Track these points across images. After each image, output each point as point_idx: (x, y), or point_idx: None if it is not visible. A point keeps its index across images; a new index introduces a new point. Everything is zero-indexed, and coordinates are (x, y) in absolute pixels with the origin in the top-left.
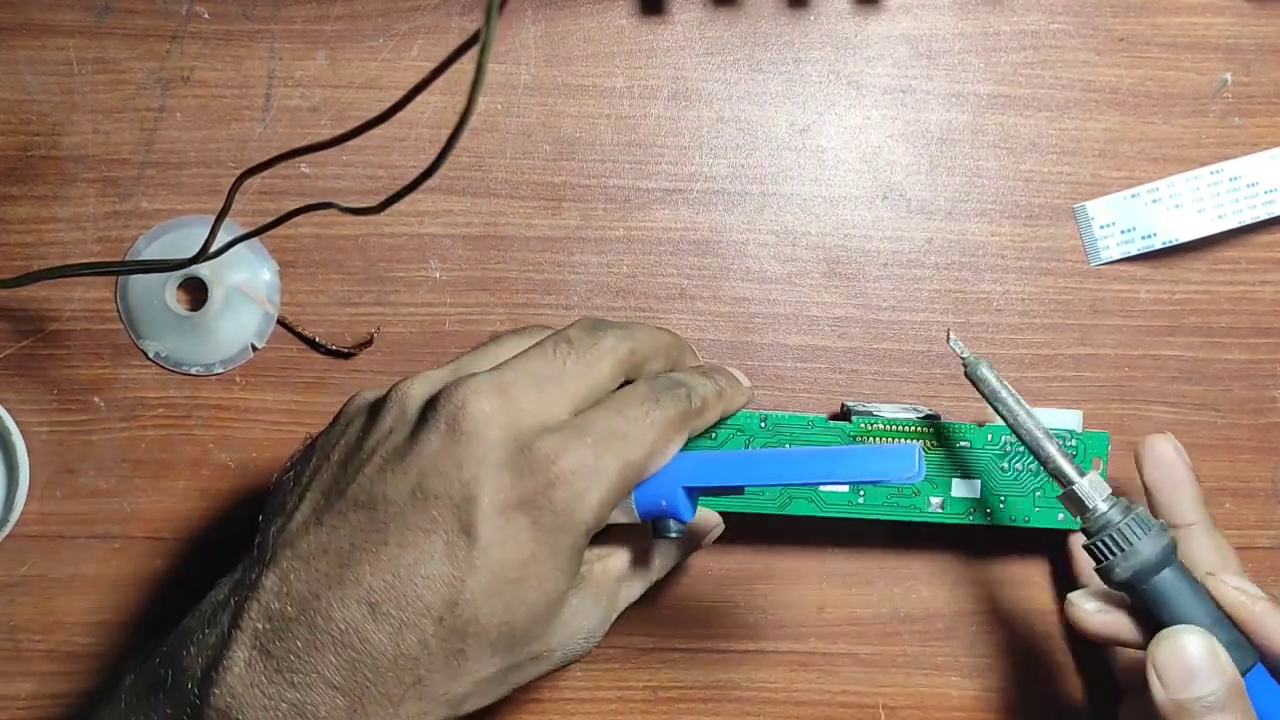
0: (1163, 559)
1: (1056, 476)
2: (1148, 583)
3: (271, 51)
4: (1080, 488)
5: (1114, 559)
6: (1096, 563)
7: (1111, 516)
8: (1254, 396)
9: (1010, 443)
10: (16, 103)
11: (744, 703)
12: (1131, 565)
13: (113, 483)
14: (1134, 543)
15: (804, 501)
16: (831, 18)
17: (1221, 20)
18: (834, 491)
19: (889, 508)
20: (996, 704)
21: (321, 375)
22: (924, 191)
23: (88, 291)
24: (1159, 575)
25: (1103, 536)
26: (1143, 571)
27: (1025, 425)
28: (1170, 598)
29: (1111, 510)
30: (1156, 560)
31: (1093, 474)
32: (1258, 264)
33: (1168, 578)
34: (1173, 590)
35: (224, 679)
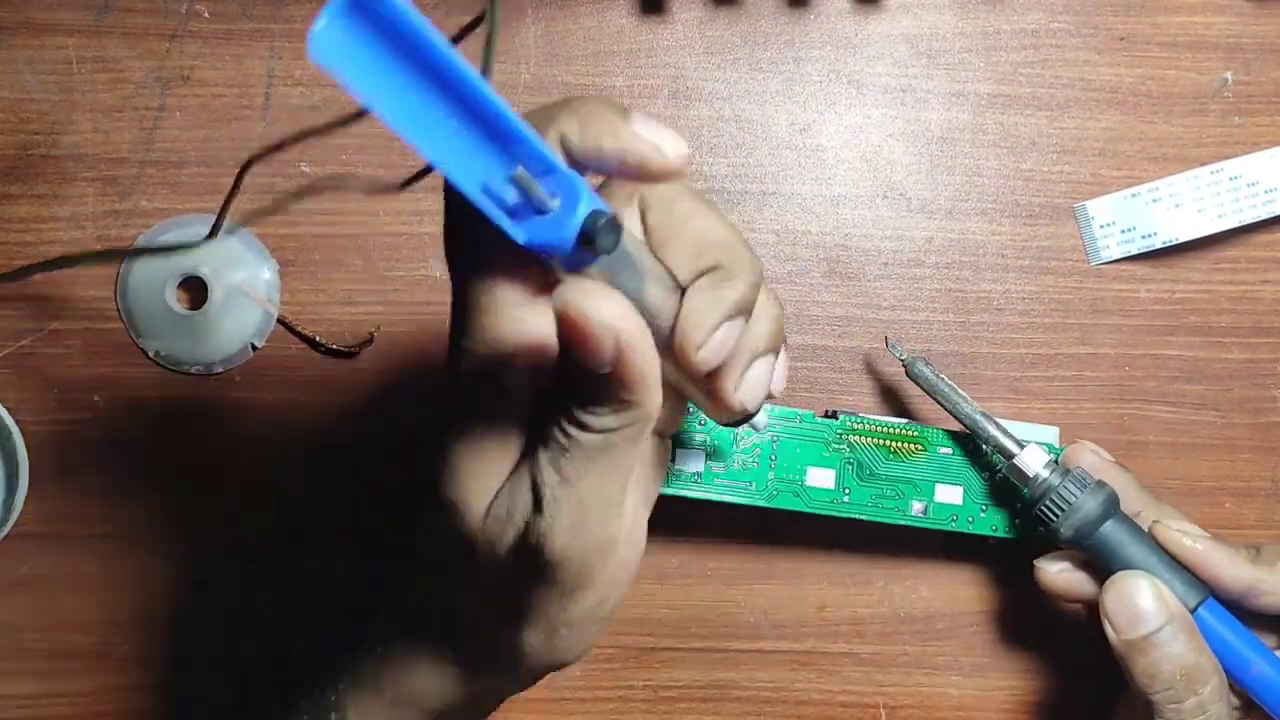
0: (1103, 512)
1: (1000, 452)
2: (1093, 537)
3: (271, 50)
4: (1020, 459)
5: (1058, 519)
6: (1044, 527)
7: (1051, 481)
8: (1254, 396)
9: (989, 452)
10: (16, 101)
11: (744, 702)
12: (1074, 522)
13: (112, 482)
14: (1072, 501)
15: (789, 496)
16: (832, 17)
17: (1222, 19)
18: (819, 488)
19: (873, 509)
20: (996, 703)
21: (322, 375)
22: (924, 191)
23: (87, 290)
24: (1102, 528)
25: (1045, 500)
26: (1086, 526)
27: (964, 411)
28: (1116, 548)
29: (1051, 475)
30: (1098, 514)
31: (1032, 445)
32: (1258, 263)
33: (1110, 530)
34: (1117, 540)
35: None
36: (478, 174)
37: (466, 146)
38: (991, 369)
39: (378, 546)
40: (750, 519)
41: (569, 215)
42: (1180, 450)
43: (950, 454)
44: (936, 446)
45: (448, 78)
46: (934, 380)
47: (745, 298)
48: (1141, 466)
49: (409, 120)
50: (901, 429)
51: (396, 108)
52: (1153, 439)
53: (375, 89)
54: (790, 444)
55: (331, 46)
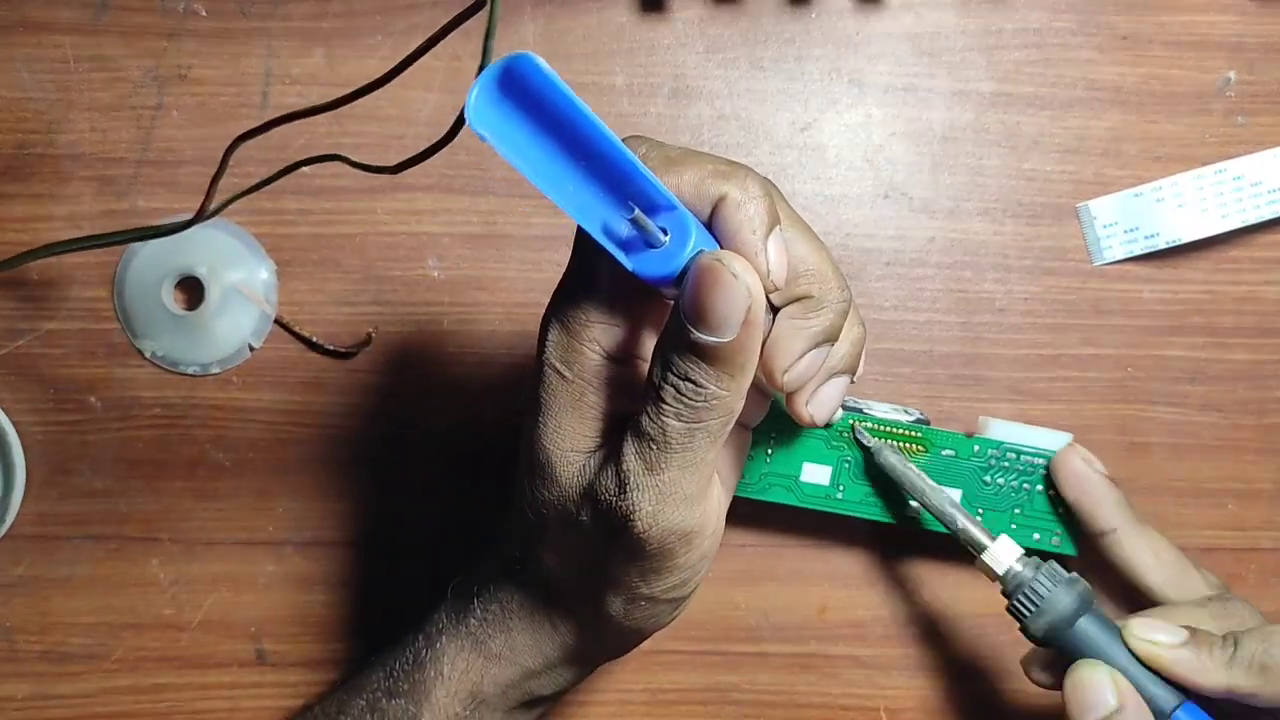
0: (1078, 609)
1: (969, 544)
2: (1065, 635)
3: (268, 49)
4: (991, 552)
5: (1031, 615)
6: (1018, 622)
7: (1024, 575)
8: (1258, 397)
9: (995, 456)
10: (13, 100)
11: (744, 705)
12: (1048, 619)
13: (109, 483)
14: (1046, 596)
15: (782, 490)
16: (833, 15)
17: (1225, 19)
18: (813, 484)
19: (866, 506)
20: (997, 706)
21: (319, 375)
22: (926, 190)
23: (84, 290)
24: (1075, 626)
25: (1018, 595)
26: (1059, 623)
27: (932, 500)
28: (1089, 648)
29: (1024, 569)
30: (1071, 611)
31: (1003, 538)
32: (1261, 264)
33: (1084, 627)
34: (1090, 639)
35: None
36: (600, 215)
37: (592, 191)
38: (994, 370)
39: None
40: (750, 519)
41: (678, 251)
42: (1184, 451)
43: (952, 456)
44: (940, 448)
45: (581, 132)
46: (901, 470)
47: (832, 327)
48: (1145, 467)
49: (545, 173)
50: (906, 428)
51: (535, 162)
52: (1156, 440)
53: (519, 148)
54: (786, 439)
55: (486, 115)
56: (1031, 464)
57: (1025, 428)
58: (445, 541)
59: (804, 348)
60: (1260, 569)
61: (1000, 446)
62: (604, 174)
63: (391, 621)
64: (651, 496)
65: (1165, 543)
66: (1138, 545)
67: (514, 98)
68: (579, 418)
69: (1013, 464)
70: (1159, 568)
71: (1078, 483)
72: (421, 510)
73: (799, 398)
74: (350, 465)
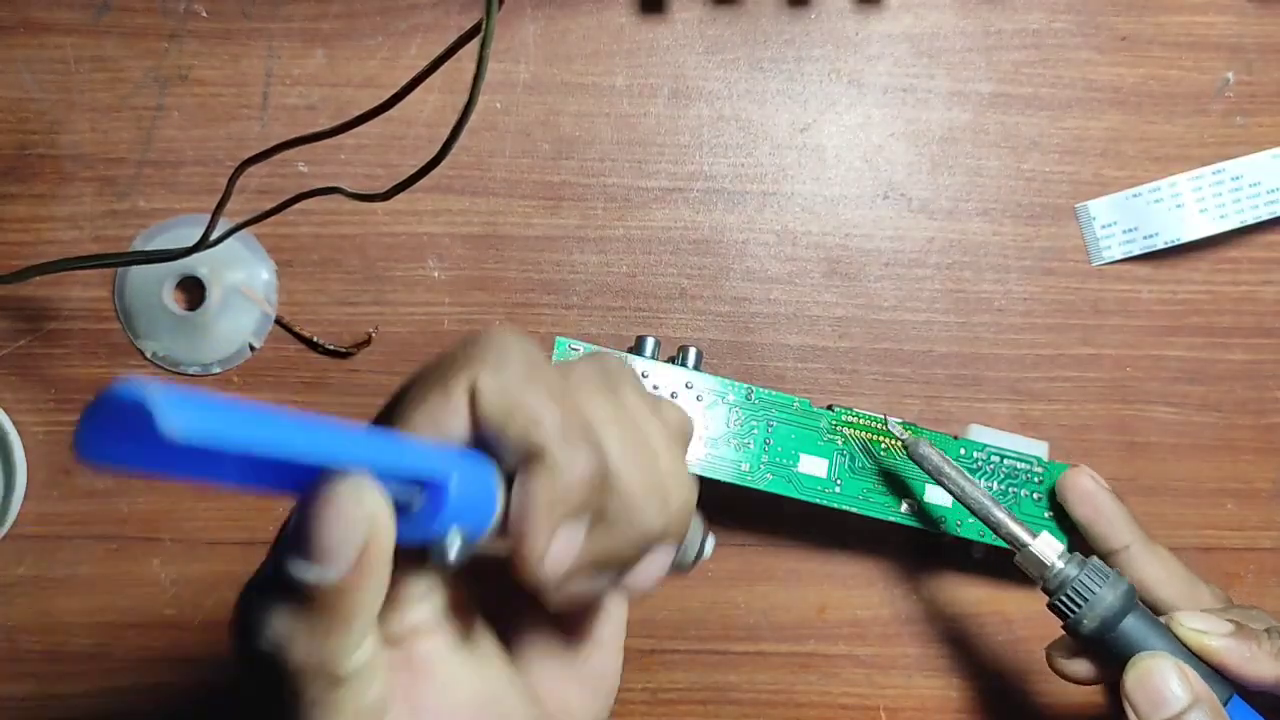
0: (1125, 606)
1: (1010, 540)
2: (1115, 630)
3: (269, 50)
4: (1035, 548)
5: (1079, 612)
6: (1062, 619)
7: (1069, 572)
8: (1256, 397)
9: (981, 459)
10: (14, 101)
11: (744, 705)
12: (1097, 615)
13: (110, 483)
14: (1095, 593)
15: (781, 481)
16: (832, 16)
17: (1224, 19)
18: (811, 476)
19: (863, 502)
20: (997, 706)
21: (320, 375)
22: (925, 191)
23: (85, 291)
24: (1124, 622)
25: (1064, 592)
26: (1108, 620)
27: (973, 495)
28: (1138, 643)
29: (1068, 566)
30: (1119, 608)
31: (1044, 534)
32: (1260, 264)
33: (1132, 623)
34: (1139, 635)
35: None
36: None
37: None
38: (993, 370)
39: None
40: (750, 518)
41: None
42: (1182, 451)
43: None
44: None
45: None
46: (938, 462)
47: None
48: (1143, 468)
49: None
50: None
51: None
52: (1155, 440)
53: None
54: (785, 429)
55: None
56: (1015, 467)
57: (1007, 436)
58: None
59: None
60: (1259, 568)
61: (985, 449)
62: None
63: None
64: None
65: (1173, 558)
66: (1149, 561)
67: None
68: None
69: (998, 466)
70: (1170, 582)
71: (1089, 501)
72: None
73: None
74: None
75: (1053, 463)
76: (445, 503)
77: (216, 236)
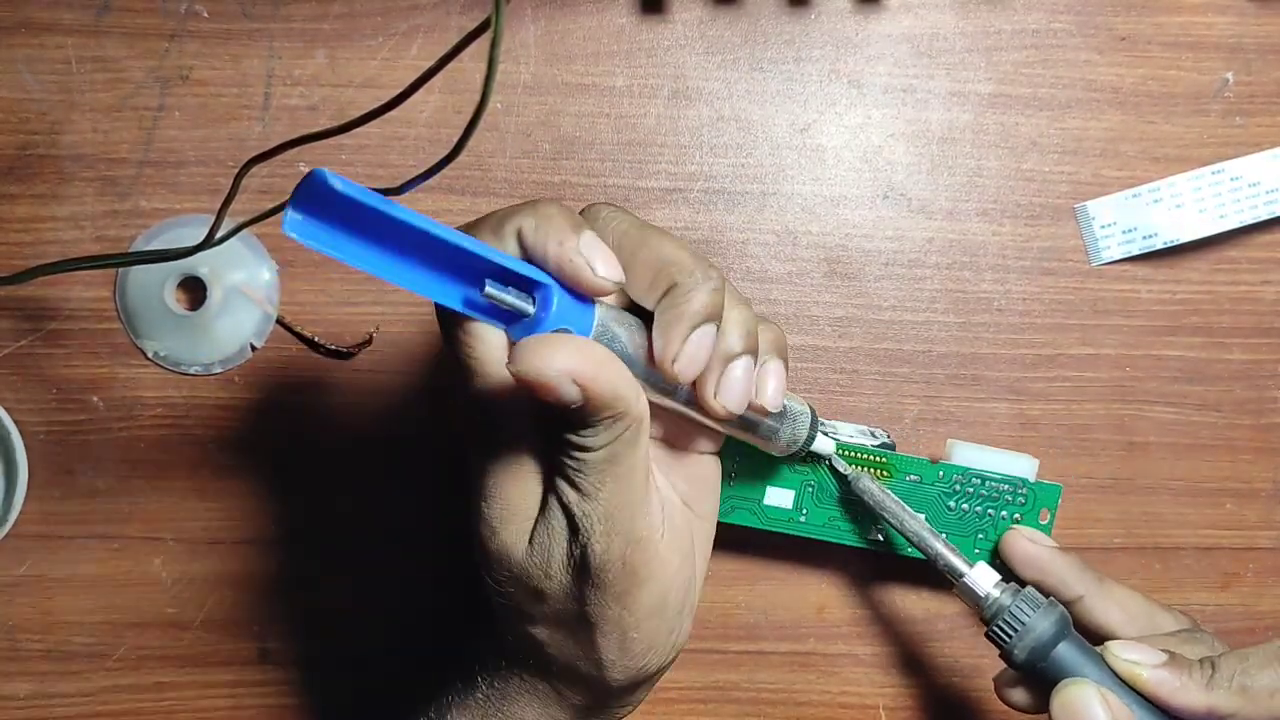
0: (1057, 633)
1: (947, 572)
2: (1047, 659)
3: (270, 50)
4: (970, 578)
5: (1010, 640)
6: (998, 649)
7: (1003, 601)
8: (1255, 397)
9: (960, 482)
10: (15, 101)
11: (743, 703)
12: (1028, 644)
13: (111, 483)
14: (1025, 622)
15: (745, 514)
16: (832, 16)
17: (1223, 20)
18: (776, 507)
19: (829, 529)
20: (996, 705)
21: (321, 375)
22: (925, 191)
23: (86, 291)
24: (1056, 650)
25: (997, 621)
26: (1040, 649)
27: (911, 527)
28: (1070, 671)
29: (1002, 595)
30: (1051, 636)
31: (981, 564)
32: (1259, 264)
33: (1064, 651)
34: (1072, 663)
35: None
36: (458, 294)
37: (445, 274)
38: (992, 370)
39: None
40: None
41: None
42: (1181, 451)
43: (917, 481)
44: (904, 473)
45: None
46: (879, 497)
47: (707, 304)
48: (1143, 467)
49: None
50: (869, 454)
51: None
52: (1154, 440)
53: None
54: (750, 463)
55: (303, 229)
56: (997, 489)
57: (992, 452)
58: (446, 541)
59: (684, 332)
60: (1258, 568)
61: (965, 472)
62: (452, 261)
63: (393, 619)
64: (597, 518)
65: (1129, 593)
66: (1106, 606)
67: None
68: (520, 488)
69: (977, 489)
70: (1129, 621)
71: (1032, 565)
72: (423, 509)
73: (704, 389)
74: (352, 465)
75: (1039, 483)
76: (552, 303)
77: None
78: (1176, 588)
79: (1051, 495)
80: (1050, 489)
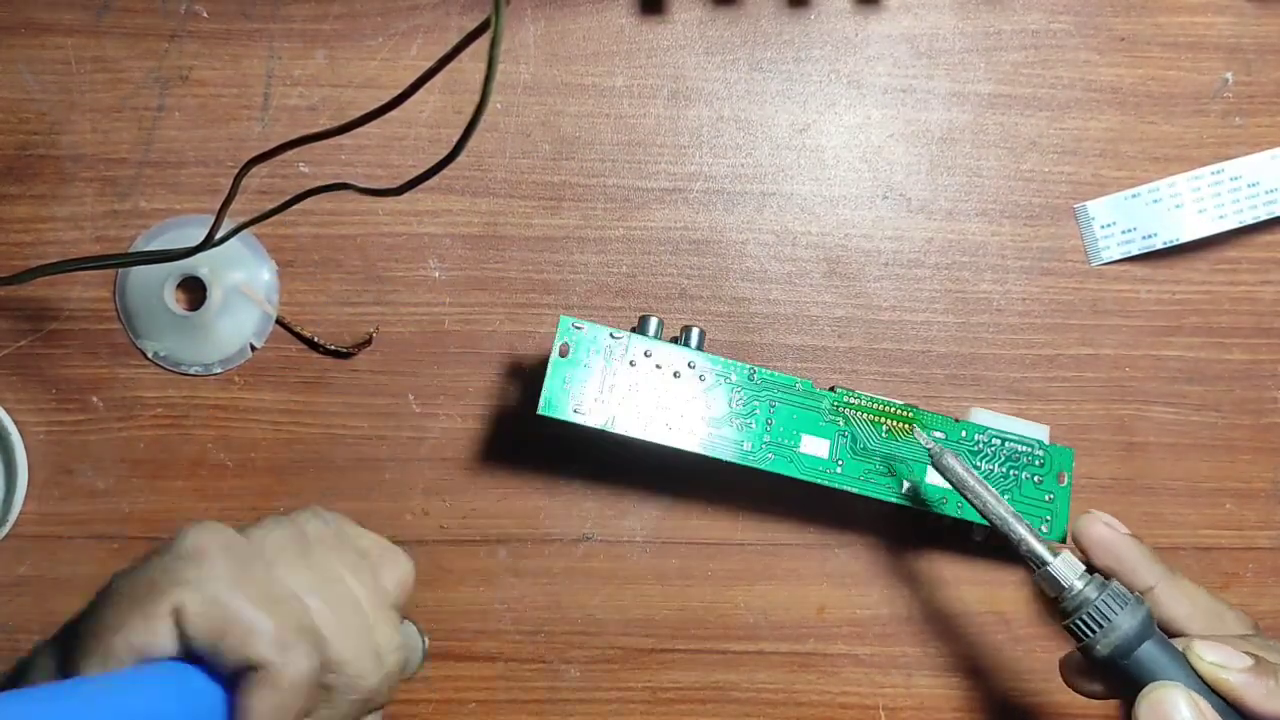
0: (1141, 632)
1: (1030, 558)
2: (1130, 657)
3: (270, 50)
4: (1054, 568)
5: (1094, 636)
6: (1077, 641)
7: (1088, 594)
8: (1255, 397)
9: (982, 441)
10: (15, 102)
11: (743, 704)
12: (1112, 641)
13: (111, 483)
14: (1111, 619)
15: (784, 461)
16: (832, 17)
17: (1223, 20)
18: (813, 456)
19: (864, 483)
20: (996, 705)
21: (320, 375)
22: (924, 191)
23: (86, 291)
24: (1140, 649)
25: (1081, 614)
26: (1123, 646)
27: (995, 510)
28: (1154, 671)
29: (1087, 588)
30: (1136, 634)
31: (1065, 553)
32: (1258, 264)
33: (1149, 651)
34: (1155, 663)
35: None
36: None
37: None
38: (992, 370)
39: None
40: (750, 518)
41: None
42: (1181, 451)
43: (943, 438)
44: (929, 429)
45: None
46: (962, 475)
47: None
48: (1142, 467)
49: None
50: (898, 409)
51: None
52: (1153, 440)
53: None
54: (786, 410)
55: None
56: (1017, 450)
57: (1009, 419)
58: (446, 540)
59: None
60: (1258, 568)
61: (986, 431)
62: None
63: None
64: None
65: (1197, 589)
66: (1175, 599)
67: None
68: None
69: (998, 449)
70: (1197, 615)
71: (1109, 550)
72: (422, 509)
73: None
74: (351, 464)
75: (1053, 445)
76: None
77: (220, 236)
78: None
79: (1066, 458)
80: (1064, 452)
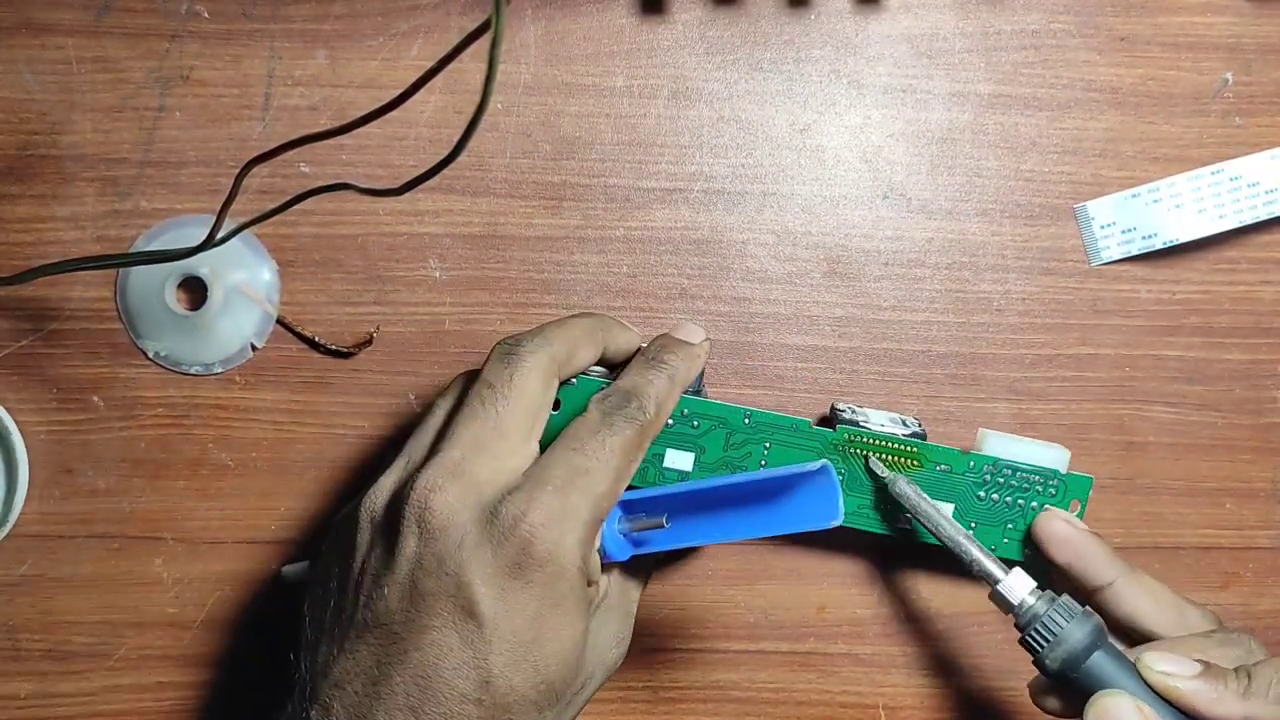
0: (1091, 643)
1: (984, 577)
2: (1079, 669)
3: (271, 50)
4: (1004, 585)
5: (1044, 649)
6: (1031, 656)
7: (1037, 609)
8: (1254, 397)
9: (990, 472)
10: (16, 101)
11: (744, 703)
12: (1061, 654)
13: (112, 482)
14: (1058, 632)
15: None
16: (832, 17)
17: (1222, 20)
18: None
19: (859, 517)
20: (996, 704)
21: (321, 375)
22: (924, 191)
23: (87, 291)
24: (1090, 660)
25: (1032, 629)
26: (1073, 658)
27: (947, 532)
28: (1104, 681)
29: (1037, 603)
30: (1084, 646)
31: (1017, 570)
32: (1258, 264)
33: (1099, 661)
34: (1106, 674)
35: None
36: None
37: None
38: (992, 370)
39: None
40: None
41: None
42: (1181, 451)
43: (948, 471)
44: (935, 463)
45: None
46: (915, 501)
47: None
48: (1142, 467)
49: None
50: (900, 443)
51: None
52: (1153, 440)
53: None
54: (781, 451)
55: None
56: (1028, 480)
57: (1023, 442)
58: None
59: None
60: (1258, 568)
61: (996, 463)
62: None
63: None
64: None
65: (1158, 585)
66: (1136, 593)
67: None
68: None
69: (1007, 480)
70: (1159, 611)
71: (1066, 547)
72: None
73: None
74: (352, 465)
75: (1071, 475)
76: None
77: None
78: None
79: (1083, 486)
80: (1082, 480)
